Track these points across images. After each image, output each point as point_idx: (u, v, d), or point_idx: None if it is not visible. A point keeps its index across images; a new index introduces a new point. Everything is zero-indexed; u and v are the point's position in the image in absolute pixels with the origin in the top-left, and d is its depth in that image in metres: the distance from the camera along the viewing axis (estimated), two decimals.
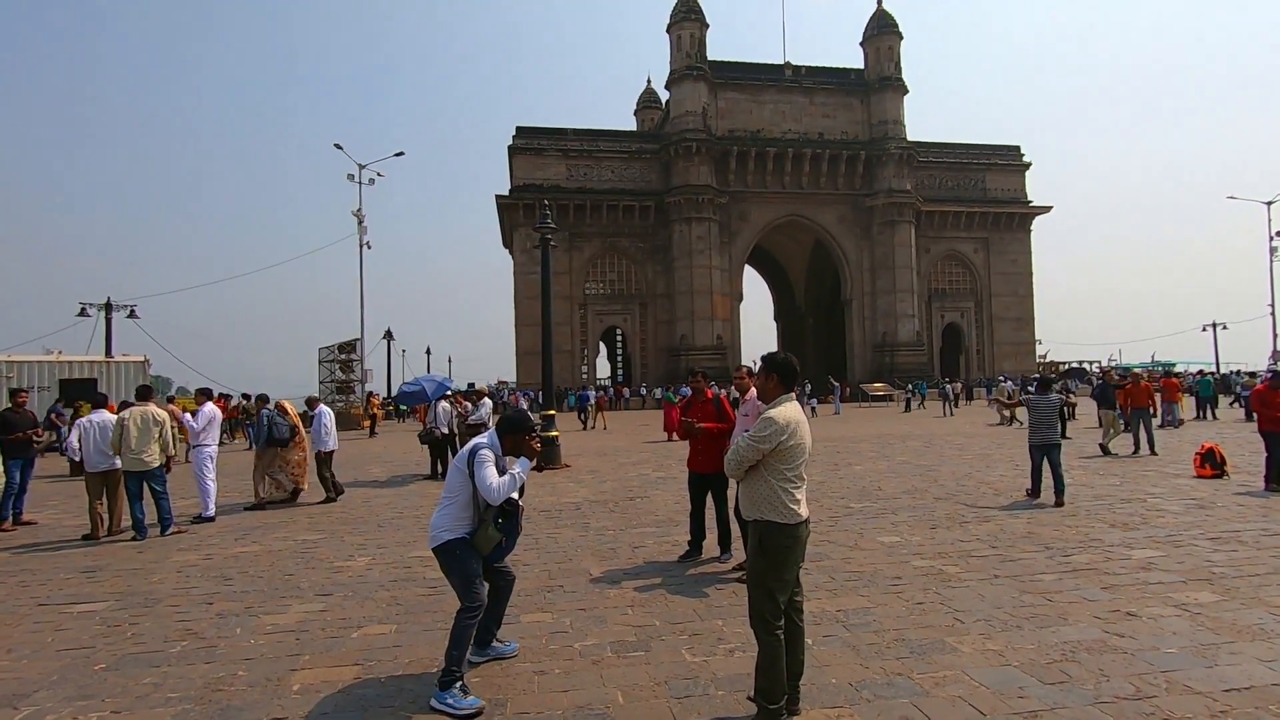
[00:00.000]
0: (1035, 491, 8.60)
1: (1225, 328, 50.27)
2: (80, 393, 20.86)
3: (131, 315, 29.59)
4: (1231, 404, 29.26)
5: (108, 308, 28.63)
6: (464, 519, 3.63)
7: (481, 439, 3.72)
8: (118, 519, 7.98)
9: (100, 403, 8.40)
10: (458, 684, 3.38)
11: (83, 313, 28.36)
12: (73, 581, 5.94)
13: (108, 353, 26.55)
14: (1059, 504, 8.07)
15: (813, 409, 31.49)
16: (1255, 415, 9.42)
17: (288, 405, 10.47)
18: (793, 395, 3.33)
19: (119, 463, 7.84)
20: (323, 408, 10.80)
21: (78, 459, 8.10)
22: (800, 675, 3.23)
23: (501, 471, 3.61)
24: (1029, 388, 22.16)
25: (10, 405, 8.78)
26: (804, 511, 3.22)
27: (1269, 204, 40.94)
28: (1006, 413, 21.82)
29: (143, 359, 23.29)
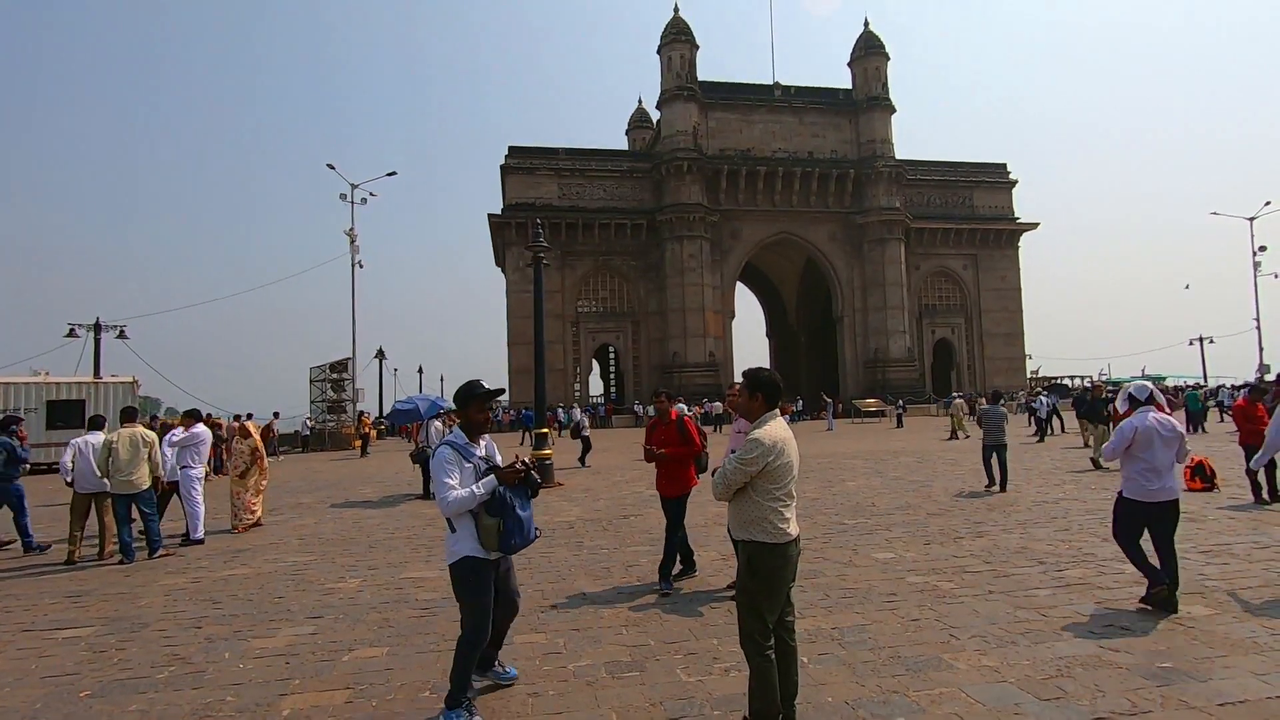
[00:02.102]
0: (991, 483, 10.72)
1: (1212, 341, 50.90)
2: (68, 415, 20.67)
3: (121, 336, 29.43)
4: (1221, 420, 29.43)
5: (96, 328, 28.45)
6: (471, 527, 3.44)
7: (447, 437, 3.58)
8: (108, 542, 7.86)
9: (99, 424, 8.26)
10: (463, 705, 3.33)
11: (71, 333, 28.18)
12: (57, 606, 5.85)
13: (96, 374, 26.35)
14: (1003, 490, 10.43)
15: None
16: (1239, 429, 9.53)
17: (250, 427, 10.26)
18: (777, 413, 3.31)
19: (109, 484, 7.76)
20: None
21: (69, 480, 7.96)
22: (795, 695, 3.20)
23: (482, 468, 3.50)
24: (981, 400, 24.03)
25: None
26: (793, 530, 3.18)
27: (1251, 220, 41.63)
28: (963, 430, 22.84)
29: (132, 380, 23.12)
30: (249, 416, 22.29)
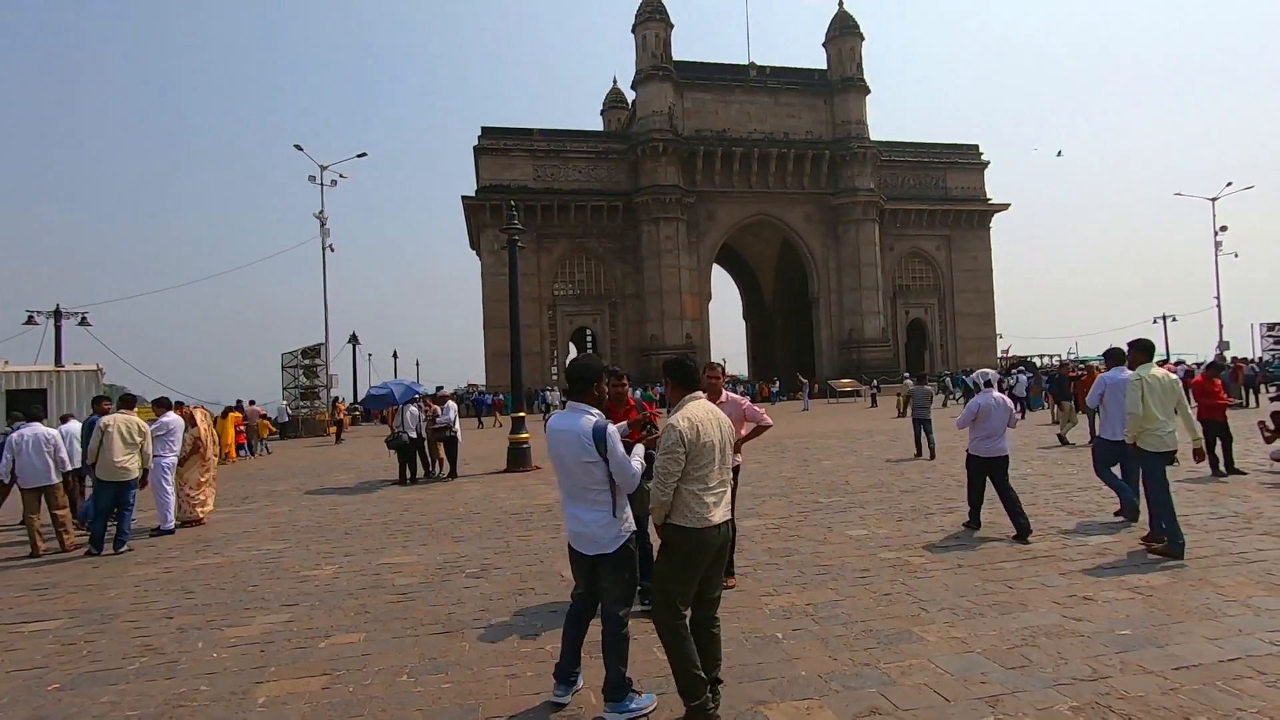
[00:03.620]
0: (919, 453, 12.35)
1: (1175, 320, 52.15)
2: (29, 404, 20.06)
3: (83, 323, 28.60)
4: None
5: (57, 315, 27.61)
6: (626, 504, 3.27)
7: (588, 417, 3.24)
8: (67, 535, 7.67)
9: (35, 415, 7.89)
10: (629, 688, 3.24)
11: (30, 320, 27.32)
12: (23, 600, 5.73)
13: (58, 362, 25.60)
14: (933, 458, 11.93)
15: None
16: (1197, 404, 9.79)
17: (198, 414, 9.78)
18: (699, 394, 3.25)
19: (54, 477, 7.53)
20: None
21: (7, 480, 7.53)
22: (714, 669, 3.15)
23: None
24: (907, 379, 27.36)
25: None
26: (717, 516, 3.05)
27: (1213, 200, 42.60)
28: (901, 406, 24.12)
29: (96, 367, 22.52)
30: (248, 403, 21.90)
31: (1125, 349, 6.61)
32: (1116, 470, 6.79)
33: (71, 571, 6.70)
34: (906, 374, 35.30)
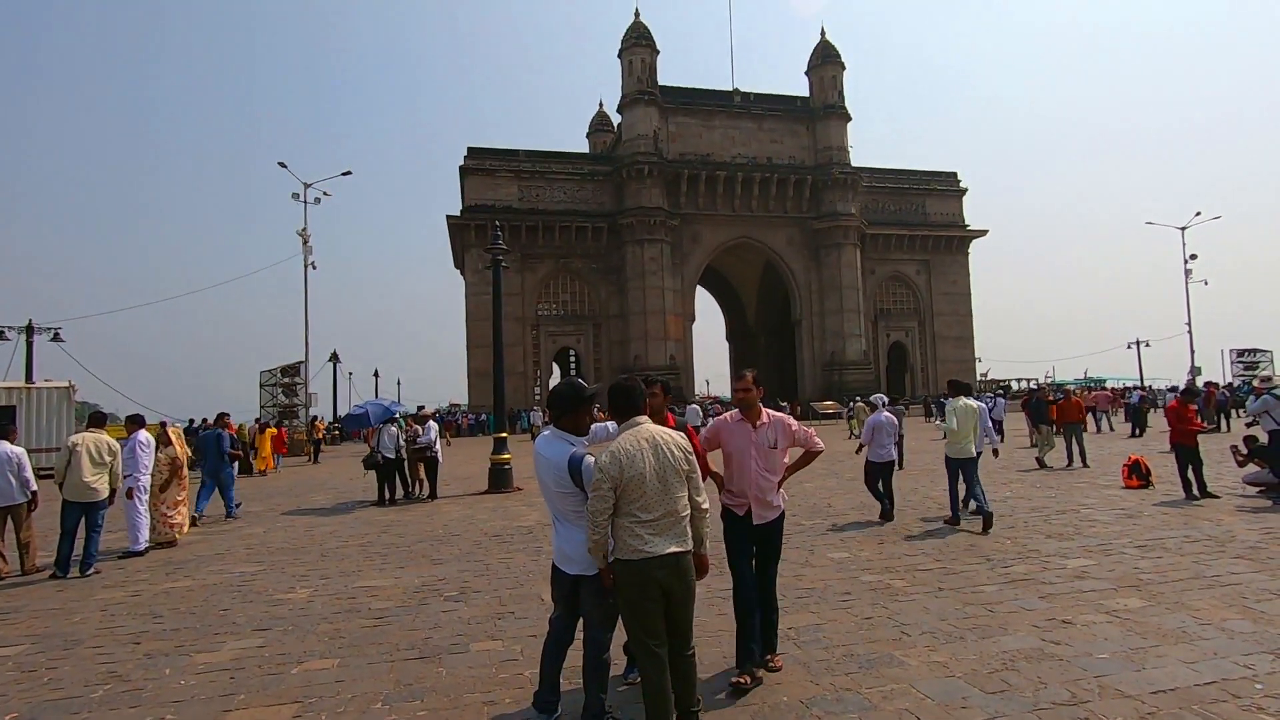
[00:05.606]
0: (899, 466, 12.67)
1: (1148, 345, 53.31)
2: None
3: (56, 339, 28.07)
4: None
5: (29, 331, 27.08)
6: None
7: (568, 447, 3.22)
8: (32, 557, 7.44)
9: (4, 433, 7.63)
10: (610, 714, 3.22)
11: (1, 336, 26.77)
12: None
13: (29, 378, 25.06)
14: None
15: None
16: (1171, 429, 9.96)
17: (172, 434, 9.42)
18: (638, 420, 3.15)
19: (18, 497, 7.31)
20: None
21: None
22: (688, 706, 3.09)
23: None
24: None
25: None
26: (656, 549, 2.94)
27: (1183, 229, 43.77)
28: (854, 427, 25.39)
29: (68, 384, 22.07)
30: (265, 425, 21.34)
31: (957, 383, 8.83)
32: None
33: (35, 595, 6.49)
34: (858, 397, 36.01)
